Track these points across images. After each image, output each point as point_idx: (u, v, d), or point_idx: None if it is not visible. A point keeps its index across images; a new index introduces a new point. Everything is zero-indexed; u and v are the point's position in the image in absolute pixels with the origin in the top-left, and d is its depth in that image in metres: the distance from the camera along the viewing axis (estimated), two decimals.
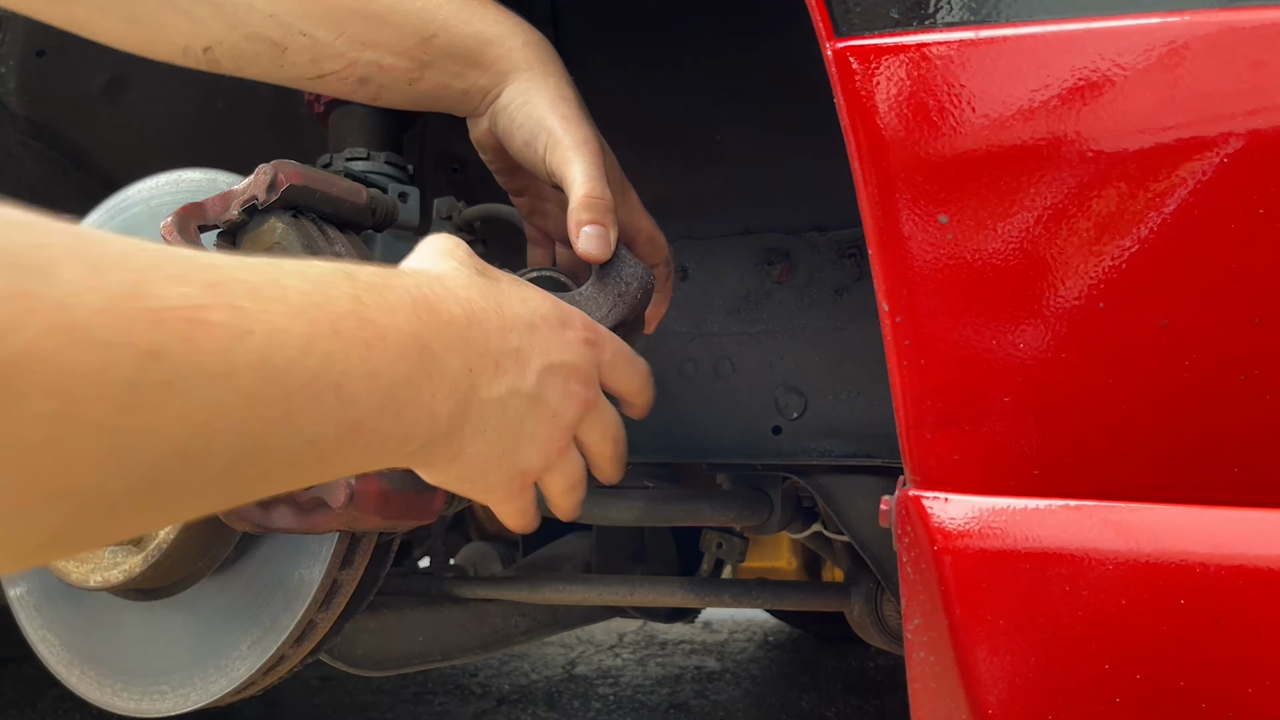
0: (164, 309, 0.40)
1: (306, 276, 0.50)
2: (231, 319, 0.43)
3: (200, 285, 0.43)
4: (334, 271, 0.53)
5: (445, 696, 2.27)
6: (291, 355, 0.46)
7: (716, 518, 1.23)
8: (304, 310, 0.48)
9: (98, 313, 0.38)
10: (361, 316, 0.51)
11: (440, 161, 1.35)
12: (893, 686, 2.35)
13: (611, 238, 0.83)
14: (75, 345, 0.37)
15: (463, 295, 0.61)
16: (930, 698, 0.64)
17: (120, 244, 0.41)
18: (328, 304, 0.50)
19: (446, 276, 0.63)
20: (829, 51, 0.63)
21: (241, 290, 0.45)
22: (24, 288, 0.36)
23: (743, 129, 1.24)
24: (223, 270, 0.45)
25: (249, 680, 0.89)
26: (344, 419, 0.50)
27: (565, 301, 0.83)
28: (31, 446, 0.36)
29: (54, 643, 1.00)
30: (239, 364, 0.43)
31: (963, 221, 0.60)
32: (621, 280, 0.86)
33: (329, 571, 0.86)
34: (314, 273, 0.51)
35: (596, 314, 0.84)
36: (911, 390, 0.62)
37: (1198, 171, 0.57)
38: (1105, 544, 0.59)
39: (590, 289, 0.85)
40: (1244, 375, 0.57)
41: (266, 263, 0.49)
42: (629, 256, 0.88)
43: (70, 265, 0.38)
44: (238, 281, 0.45)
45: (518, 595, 1.26)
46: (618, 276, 0.86)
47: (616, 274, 0.86)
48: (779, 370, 1.22)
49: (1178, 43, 0.57)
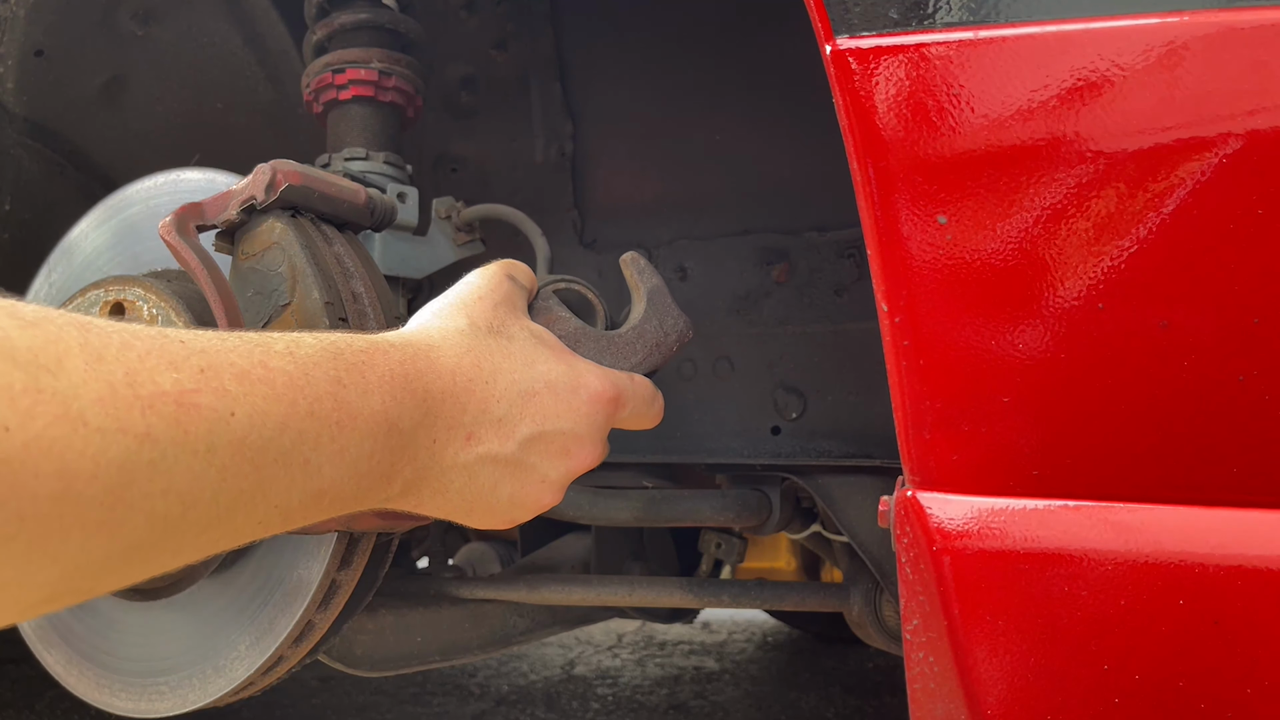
0: (157, 394, 0.46)
1: (294, 357, 0.54)
2: (217, 402, 0.48)
3: (192, 371, 0.48)
4: (321, 351, 0.57)
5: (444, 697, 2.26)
6: (269, 435, 0.51)
7: (715, 518, 1.23)
8: (286, 393, 0.52)
9: (96, 402, 0.43)
10: (338, 399, 0.55)
11: (439, 162, 1.35)
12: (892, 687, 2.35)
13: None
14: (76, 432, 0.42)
15: (449, 366, 0.65)
16: (929, 698, 0.64)
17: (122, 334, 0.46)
18: (308, 386, 0.54)
19: (441, 347, 0.66)
20: (828, 52, 0.63)
21: (230, 374, 0.50)
22: (37, 383, 0.41)
23: (742, 129, 1.24)
24: (214, 355, 0.50)
25: (247, 681, 0.89)
26: (309, 488, 0.54)
27: (603, 341, 0.83)
28: (37, 518, 0.41)
29: (53, 643, 1.00)
30: (220, 442, 0.48)
31: (962, 222, 0.60)
32: (662, 329, 0.87)
33: (327, 572, 0.86)
34: (302, 353, 0.55)
35: (633, 359, 0.84)
36: (910, 390, 0.62)
37: (1197, 172, 0.57)
38: (1104, 544, 0.59)
39: (631, 334, 0.85)
40: (1243, 376, 0.57)
41: (257, 341, 0.53)
42: (673, 306, 0.88)
43: (75, 358, 0.43)
44: (227, 366, 0.50)
45: (516, 595, 1.26)
46: (659, 326, 0.86)
47: (659, 322, 0.87)
48: (778, 370, 1.22)
49: (1177, 43, 0.57)
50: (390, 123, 1.11)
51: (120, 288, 0.92)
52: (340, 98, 1.09)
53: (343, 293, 0.85)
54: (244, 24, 1.29)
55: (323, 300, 0.82)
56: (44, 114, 1.30)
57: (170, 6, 1.26)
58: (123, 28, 1.26)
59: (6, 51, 1.22)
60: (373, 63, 1.09)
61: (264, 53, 1.32)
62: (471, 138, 1.34)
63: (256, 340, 0.54)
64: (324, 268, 0.84)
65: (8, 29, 1.21)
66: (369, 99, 1.09)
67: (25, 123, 1.29)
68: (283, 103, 1.34)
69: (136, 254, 0.99)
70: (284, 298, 0.83)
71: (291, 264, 0.83)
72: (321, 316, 0.82)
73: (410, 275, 1.07)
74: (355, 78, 1.08)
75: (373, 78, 1.08)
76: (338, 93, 1.09)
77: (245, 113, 1.36)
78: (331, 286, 0.84)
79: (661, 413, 0.82)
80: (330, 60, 1.09)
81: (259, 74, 1.33)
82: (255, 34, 1.30)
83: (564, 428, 0.70)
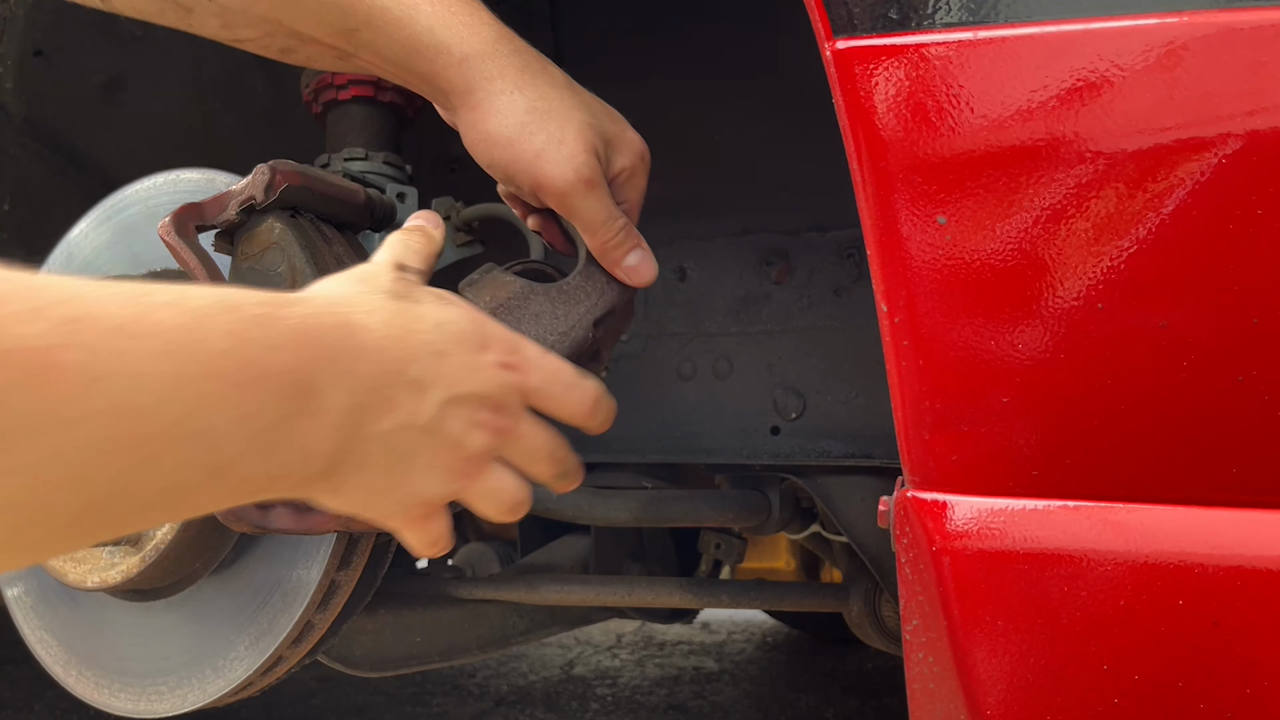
0: (11, 350, 0.37)
1: (183, 309, 0.46)
2: (87, 360, 0.40)
3: (55, 321, 0.40)
4: (215, 303, 0.48)
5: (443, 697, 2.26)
6: (154, 400, 0.43)
7: (715, 518, 1.23)
8: (174, 349, 0.44)
9: None
10: (240, 356, 0.47)
11: (438, 161, 1.35)
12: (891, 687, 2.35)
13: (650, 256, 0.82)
14: None
15: (361, 321, 0.57)
16: (929, 698, 0.64)
17: None
18: (204, 341, 0.46)
19: (349, 301, 0.59)
20: (828, 52, 0.63)
21: (103, 327, 0.41)
22: None
23: (742, 129, 1.24)
24: (83, 303, 0.41)
25: (246, 681, 0.89)
26: (208, 463, 0.46)
27: (551, 292, 0.82)
28: None
29: (51, 643, 1.00)
30: (92, 410, 0.40)
31: (961, 222, 0.60)
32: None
33: (327, 572, 0.86)
34: (192, 304, 0.46)
35: (585, 303, 0.83)
36: (910, 391, 0.62)
37: (1196, 172, 0.57)
38: (1104, 545, 0.59)
39: (578, 278, 0.83)
40: (1242, 376, 0.57)
41: (137, 291, 0.45)
42: None
43: None
44: (100, 316, 0.41)
45: (516, 596, 1.26)
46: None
47: None
48: (777, 370, 1.22)
49: (1176, 43, 0.57)
50: (390, 123, 1.11)
51: None
52: (340, 98, 1.09)
53: None
54: None
55: None
56: (43, 114, 1.30)
57: None
58: (122, 28, 1.26)
59: (6, 51, 1.22)
60: None
61: None
62: None
63: (136, 288, 0.45)
64: (324, 268, 0.84)
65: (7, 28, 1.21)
66: (368, 99, 1.09)
67: (25, 122, 1.29)
68: (282, 102, 1.34)
69: (136, 254, 0.99)
70: None
71: (291, 264, 0.83)
72: None
73: None
74: (355, 78, 1.08)
75: (372, 78, 1.08)
76: (337, 92, 1.09)
77: (244, 112, 1.36)
78: None
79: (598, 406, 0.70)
80: None
81: (258, 74, 1.33)
82: None
83: (476, 390, 0.62)
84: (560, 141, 0.76)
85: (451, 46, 0.74)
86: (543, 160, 0.76)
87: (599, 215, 0.79)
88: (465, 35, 0.75)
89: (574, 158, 0.76)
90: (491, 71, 0.75)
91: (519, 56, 0.76)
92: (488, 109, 0.76)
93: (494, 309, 0.80)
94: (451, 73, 0.75)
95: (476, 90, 0.76)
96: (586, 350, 0.83)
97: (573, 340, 0.81)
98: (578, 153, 0.76)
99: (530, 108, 0.76)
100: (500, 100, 0.76)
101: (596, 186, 0.78)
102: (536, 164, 0.76)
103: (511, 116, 0.76)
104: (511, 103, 0.76)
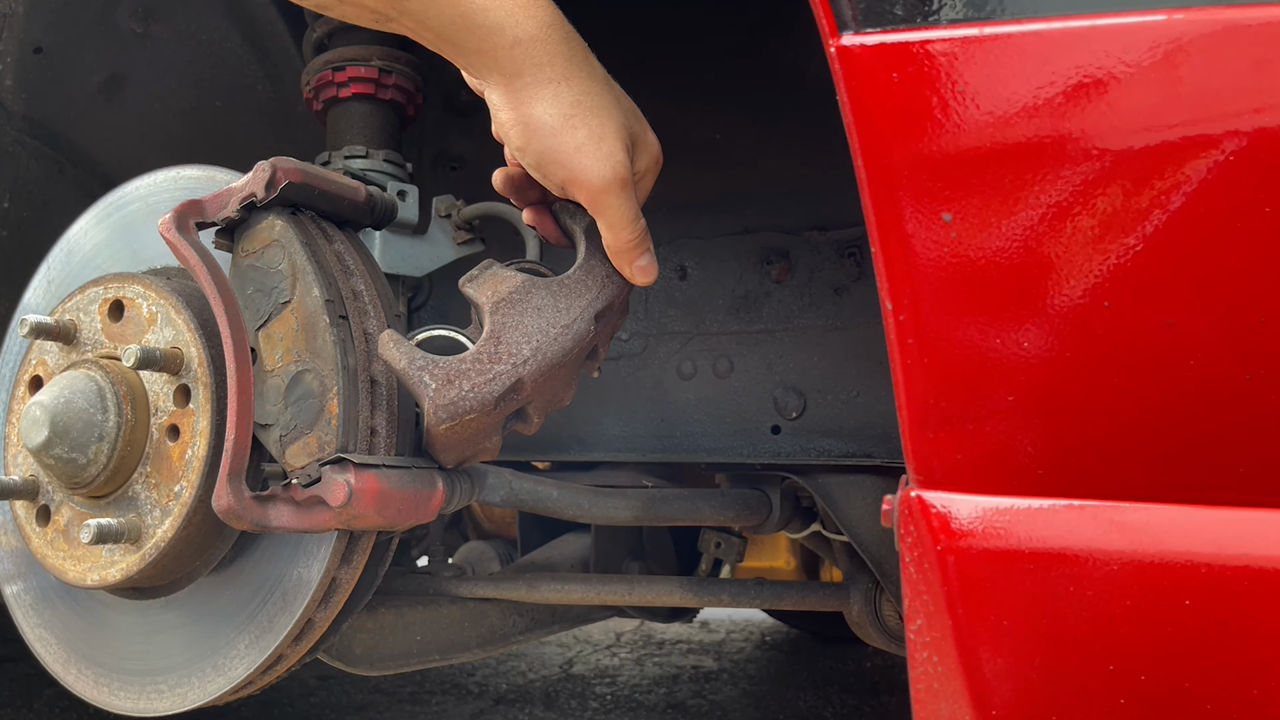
0: None
1: None
2: None
3: None
4: None
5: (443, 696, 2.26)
6: None
7: (715, 517, 1.22)
8: None
9: None
10: None
11: (439, 159, 1.35)
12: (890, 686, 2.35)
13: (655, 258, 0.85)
14: None
15: None
16: (933, 698, 0.64)
17: None
18: None
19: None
20: (832, 49, 0.63)
21: None
22: None
23: (742, 129, 1.24)
24: None
25: (247, 680, 0.89)
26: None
27: (553, 286, 0.82)
28: None
29: (51, 641, 1.00)
30: None
31: (966, 219, 0.60)
32: (610, 263, 0.86)
33: (327, 570, 0.86)
34: None
35: (586, 295, 0.83)
36: (914, 389, 0.62)
37: (1202, 169, 0.56)
38: (1109, 544, 0.58)
39: (579, 273, 0.84)
40: (1249, 375, 0.56)
41: None
42: None
43: None
44: None
45: (516, 594, 1.26)
46: (605, 260, 0.85)
47: (605, 256, 0.86)
48: (778, 369, 1.21)
49: (1183, 40, 0.57)
50: (390, 120, 1.11)
51: (119, 285, 0.92)
52: (340, 95, 1.09)
53: (343, 290, 0.85)
54: (243, 22, 1.29)
55: (323, 298, 0.82)
56: (43, 111, 1.29)
57: (170, 4, 1.26)
58: (122, 25, 1.26)
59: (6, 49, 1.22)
60: (373, 60, 1.08)
61: (263, 50, 1.31)
62: (471, 135, 1.34)
63: None
64: (324, 265, 0.84)
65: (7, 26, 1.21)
66: (369, 97, 1.09)
67: (24, 120, 1.29)
68: (282, 100, 1.34)
69: (136, 251, 0.99)
70: (284, 295, 0.83)
71: (292, 261, 0.83)
72: (322, 314, 0.81)
73: (410, 273, 1.07)
74: (355, 75, 1.08)
75: (373, 75, 1.08)
76: (338, 90, 1.09)
77: (244, 110, 1.36)
78: (332, 284, 0.84)
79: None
80: (330, 58, 1.09)
81: (258, 72, 1.33)
82: (255, 32, 1.30)
83: None
84: (601, 138, 0.77)
85: (505, 28, 0.75)
86: (582, 154, 0.77)
87: (627, 214, 0.80)
88: (521, 17, 0.75)
89: (612, 155, 0.77)
90: (541, 58, 0.76)
91: (568, 45, 0.77)
92: (532, 95, 0.76)
93: (497, 303, 0.81)
94: (501, 54, 0.76)
95: (525, 74, 0.76)
96: (588, 344, 0.83)
97: (575, 333, 0.81)
98: (616, 150, 0.77)
99: (576, 101, 0.76)
100: (548, 89, 0.76)
101: (629, 186, 0.79)
102: (575, 157, 0.77)
103: (556, 107, 0.76)
104: (558, 93, 0.76)
